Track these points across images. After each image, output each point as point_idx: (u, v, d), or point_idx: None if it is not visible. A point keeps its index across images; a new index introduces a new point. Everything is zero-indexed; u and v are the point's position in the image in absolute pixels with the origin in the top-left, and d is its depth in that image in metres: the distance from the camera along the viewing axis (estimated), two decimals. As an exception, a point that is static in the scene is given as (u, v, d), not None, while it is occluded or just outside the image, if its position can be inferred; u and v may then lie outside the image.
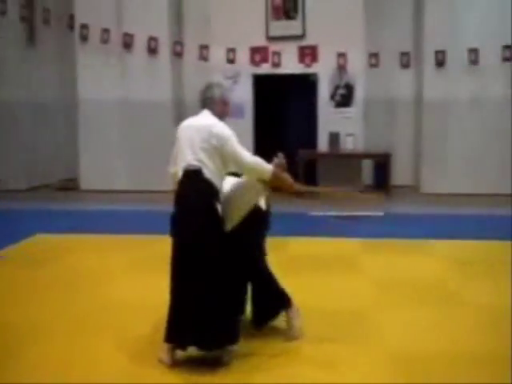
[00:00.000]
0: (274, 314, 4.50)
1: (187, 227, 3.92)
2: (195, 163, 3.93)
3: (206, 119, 4.09)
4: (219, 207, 3.99)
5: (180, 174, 3.98)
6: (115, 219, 9.10)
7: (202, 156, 3.94)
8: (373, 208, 9.30)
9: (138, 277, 5.95)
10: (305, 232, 7.92)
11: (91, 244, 7.40)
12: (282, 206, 9.94)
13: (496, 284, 5.65)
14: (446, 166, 10.95)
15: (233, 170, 4.12)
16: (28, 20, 11.81)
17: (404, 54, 11.24)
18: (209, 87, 4.25)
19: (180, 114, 11.97)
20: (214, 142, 3.94)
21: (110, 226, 8.49)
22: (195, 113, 4.24)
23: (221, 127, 4.03)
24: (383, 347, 4.25)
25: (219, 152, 3.95)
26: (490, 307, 5.05)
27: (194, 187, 3.93)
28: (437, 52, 10.80)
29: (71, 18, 11.66)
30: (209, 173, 3.93)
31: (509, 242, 6.97)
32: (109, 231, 8.02)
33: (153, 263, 6.16)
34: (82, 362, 4.03)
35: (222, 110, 4.23)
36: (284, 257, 6.64)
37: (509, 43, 10.47)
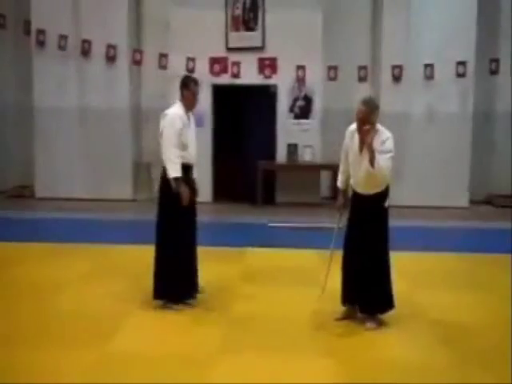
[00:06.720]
0: None
1: None
2: None
3: None
4: None
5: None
6: (69, 227, 8.88)
7: None
8: (331, 220, 9.33)
9: (88, 286, 5.83)
10: (263, 243, 7.89)
11: (45, 252, 7.20)
12: (241, 217, 10.05)
13: (451, 296, 5.77)
14: (403, 178, 11.10)
15: None
16: (-17, 24, 11.58)
17: (361, 68, 11.40)
18: None
19: (138, 122, 11.88)
20: None
21: (64, 234, 8.28)
22: (155, 120, 4.19)
23: None
24: (330, 357, 4.28)
25: None
26: (444, 319, 5.14)
27: None
28: (393, 66, 11.01)
29: (27, 23, 11.43)
30: None
31: (464, 254, 7.12)
32: (62, 239, 7.80)
33: (107, 272, 6.11)
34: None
35: None
36: (241, 268, 6.63)
37: (462, 59, 10.77)
